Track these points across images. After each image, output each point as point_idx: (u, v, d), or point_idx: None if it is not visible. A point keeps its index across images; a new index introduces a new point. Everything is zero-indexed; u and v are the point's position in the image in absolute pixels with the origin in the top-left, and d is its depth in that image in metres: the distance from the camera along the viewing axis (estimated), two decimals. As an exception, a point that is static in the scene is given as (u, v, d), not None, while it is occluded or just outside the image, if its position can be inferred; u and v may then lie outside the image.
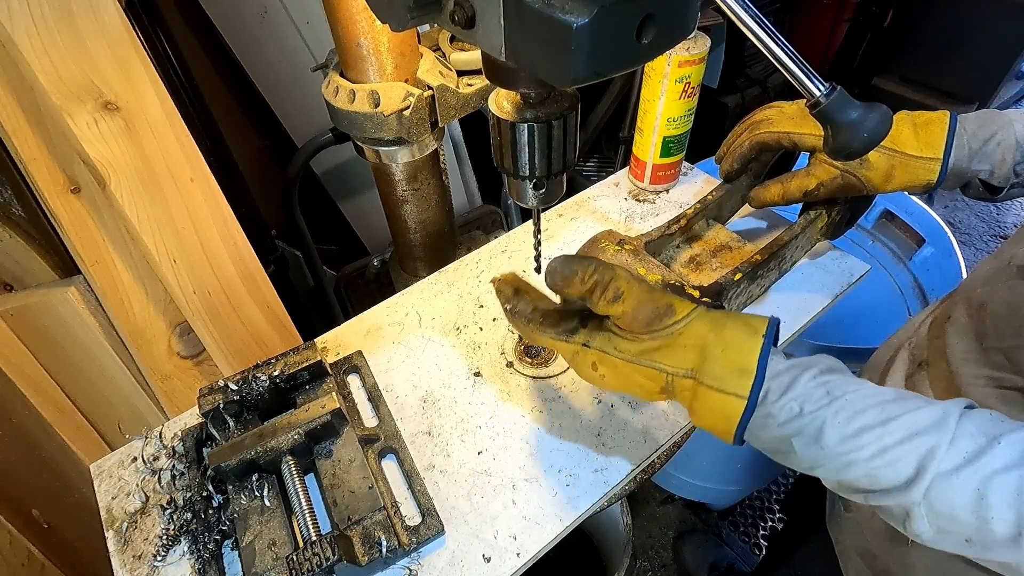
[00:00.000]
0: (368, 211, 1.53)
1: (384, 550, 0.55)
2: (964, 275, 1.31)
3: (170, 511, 0.61)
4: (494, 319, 0.79)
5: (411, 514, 0.60)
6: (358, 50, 0.75)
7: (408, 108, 0.77)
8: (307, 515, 0.56)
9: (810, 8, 2.30)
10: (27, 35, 0.71)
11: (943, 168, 0.64)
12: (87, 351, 0.94)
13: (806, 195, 0.73)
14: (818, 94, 0.46)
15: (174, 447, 0.66)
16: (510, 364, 0.74)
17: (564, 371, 0.72)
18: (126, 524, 0.61)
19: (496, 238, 0.92)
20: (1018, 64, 2.29)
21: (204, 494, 0.61)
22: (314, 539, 0.54)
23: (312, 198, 1.43)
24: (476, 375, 0.73)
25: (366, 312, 0.82)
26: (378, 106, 0.77)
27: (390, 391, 0.71)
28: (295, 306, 1.17)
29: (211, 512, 0.60)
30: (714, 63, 1.99)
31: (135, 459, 0.66)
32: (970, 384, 0.59)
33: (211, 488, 0.61)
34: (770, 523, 1.76)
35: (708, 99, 1.65)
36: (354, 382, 0.72)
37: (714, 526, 1.76)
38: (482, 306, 0.81)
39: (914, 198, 1.50)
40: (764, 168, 0.83)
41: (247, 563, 0.54)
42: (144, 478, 0.65)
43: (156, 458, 0.66)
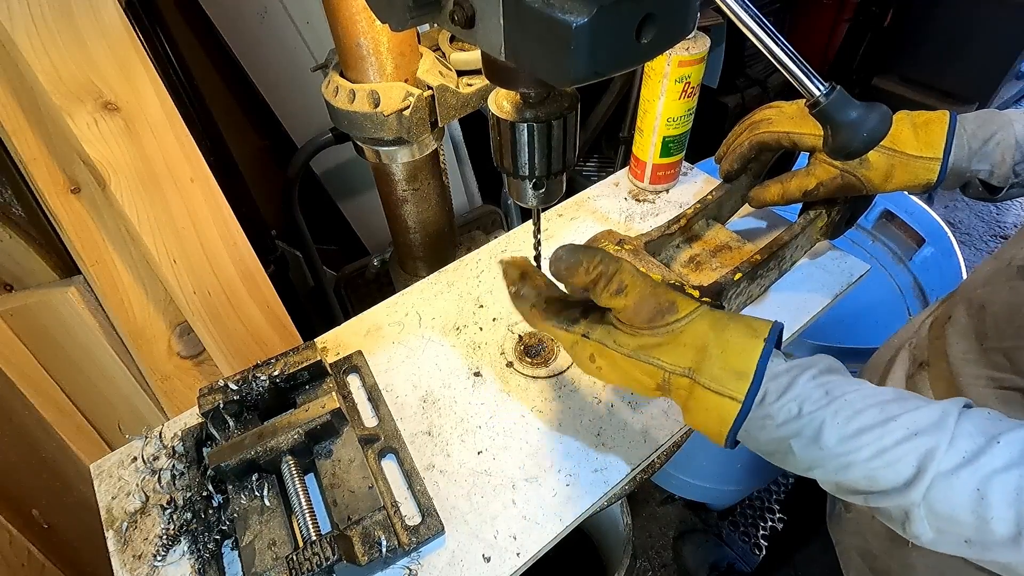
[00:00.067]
0: (368, 211, 1.53)
1: (384, 550, 0.55)
2: (964, 275, 1.31)
3: (170, 511, 0.61)
4: (494, 319, 0.79)
5: (411, 514, 0.60)
6: (358, 50, 0.75)
7: (408, 108, 0.77)
8: (307, 515, 0.56)
9: (810, 8, 2.30)
10: (27, 35, 0.71)
11: (943, 168, 0.64)
12: (87, 351, 0.94)
13: (806, 195, 0.73)
14: (818, 94, 0.46)
15: (174, 447, 0.66)
16: (510, 364, 0.74)
17: (564, 371, 0.72)
18: (126, 524, 0.61)
19: (496, 238, 0.92)
20: (1018, 64, 2.29)
21: (204, 494, 0.61)
22: (314, 539, 0.54)
23: (312, 198, 1.43)
24: (476, 375, 0.73)
25: (366, 312, 0.82)
26: (378, 106, 0.77)
27: (390, 391, 0.71)
28: (295, 306, 1.18)
29: (211, 512, 0.60)
30: (714, 63, 1.99)
31: (135, 459, 0.66)
32: (970, 384, 0.59)
33: (211, 488, 0.61)
34: (770, 523, 1.76)
35: (708, 99, 1.65)
36: (354, 382, 0.72)
37: (714, 526, 1.76)
38: (482, 306, 0.81)
39: (914, 198, 1.50)
40: (764, 168, 0.83)
41: (247, 563, 0.54)
42: (144, 478, 0.65)
43: (156, 458, 0.66)
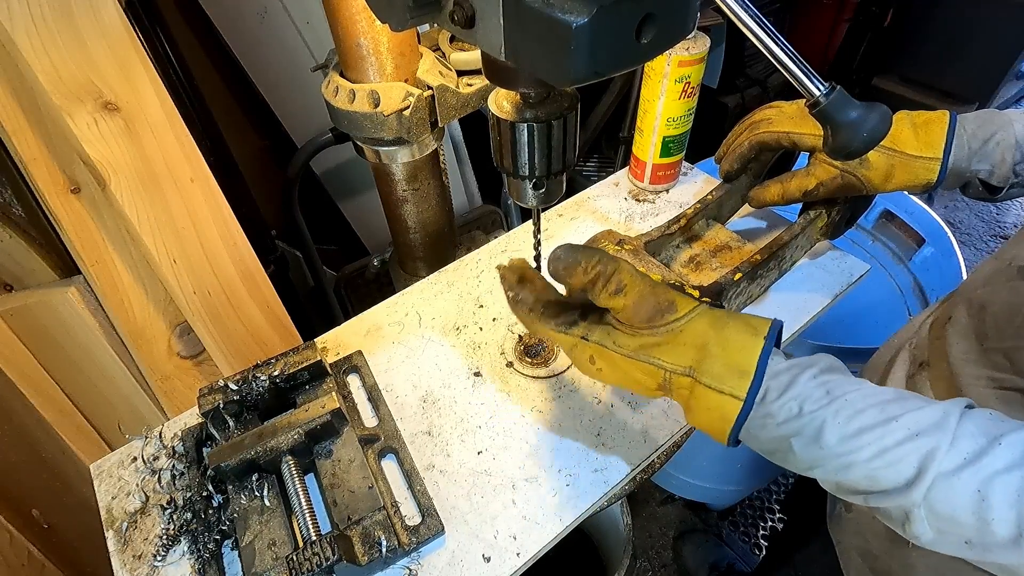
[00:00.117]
0: (368, 211, 1.53)
1: (384, 550, 0.55)
2: (964, 275, 1.31)
3: (170, 511, 0.61)
4: (494, 319, 0.79)
5: (411, 514, 0.60)
6: (358, 50, 0.75)
7: (408, 108, 0.77)
8: (307, 515, 0.56)
9: (810, 8, 2.30)
10: (27, 35, 0.71)
11: (943, 168, 0.64)
12: (87, 351, 0.94)
13: (806, 195, 0.73)
14: (818, 94, 0.46)
15: (174, 447, 0.66)
16: (510, 364, 0.74)
17: (564, 371, 0.72)
18: (126, 524, 0.61)
19: (496, 238, 0.92)
20: (1018, 64, 2.29)
21: (204, 494, 0.61)
22: (314, 539, 0.54)
23: (312, 198, 1.43)
24: (476, 375, 0.73)
25: (366, 312, 0.82)
26: (378, 106, 0.77)
27: (390, 391, 0.71)
28: (295, 306, 1.18)
29: (211, 512, 0.60)
30: (714, 63, 1.99)
31: (135, 459, 0.66)
32: (971, 385, 0.59)
33: (211, 488, 0.61)
34: (770, 523, 1.76)
35: (708, 99, 1.65)
36: (354, 382, 0.72)
37: (714, 526, 1.76)
38: (482, 306, 0.81)
39: (914, 198, 1.50)
40: (764, 168, 0.82)
41: (247, 563, 0.54)
42: (144, 478, 0.65)
43: (156, 458, 0.66)
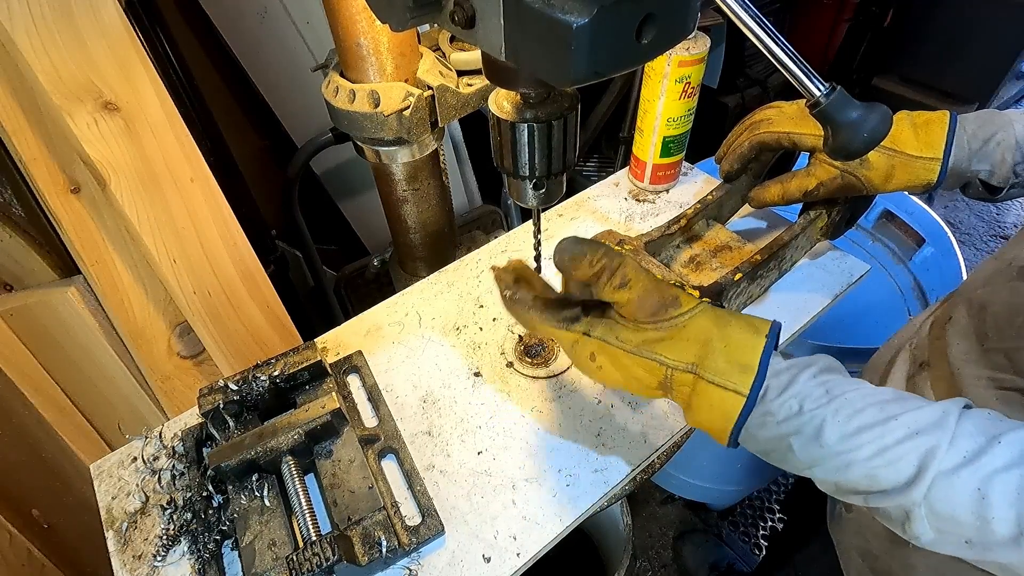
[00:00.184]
0: (368, 211, 1.53)
1: (384, 550, 0.55)
2: (964, 275, 1.31)
3: (170, 511, 0.61)
4: (494, 319, 0.79)
5: (411, 514, 0.60)
6: (358, 50, 0.75)
7: (408, 108, 0.77)
8: (307, 515, 0.56)
9: (810, 8, 2.30)
10: (27, 35, 0.71)
11: (943, 168, 0.64)
12: (87, 351, 0.94)
13: (806, 195, 0.73)
14: (818, 94, 0.46)
15: (174, 447, 0.66)
16: (510, 364, 0.74)
17: (564, 371, 0.72)
18: (126, 524, 0.61)
19: (496, 238, 0.92)
20: (1018, 64, 2.29)
21: (204, 494, 0.61)
22: (314, 539, 0.54)
23: (312, 198, 1.43)
24: (476, 375, 0.73)
25: (366, 312, 0.82)
26: (378, 106, 0.77)
27: (390, 391, 0.71)
28: (295, 306, 1.17)
29: (211, 512, 0.60)
30: (714, 63, 1.99)
31: (135, 459, 0.66)
32: (971, 385, 0.59)
33: (211, 488, 0.61)
34: (770, 523, 1.76)
35: (708, 99, 1.65)
36: (354, 382, 0.72)
37: (714, 526, 1.76)
38: (482, 306, 0.81)
39: (914, 198, 1.50)
40: (764, 168, 0.82)
41: (247, 563, 0.54)
42: (144, 478, 0.65)
43: (156, 458, 0.66)
